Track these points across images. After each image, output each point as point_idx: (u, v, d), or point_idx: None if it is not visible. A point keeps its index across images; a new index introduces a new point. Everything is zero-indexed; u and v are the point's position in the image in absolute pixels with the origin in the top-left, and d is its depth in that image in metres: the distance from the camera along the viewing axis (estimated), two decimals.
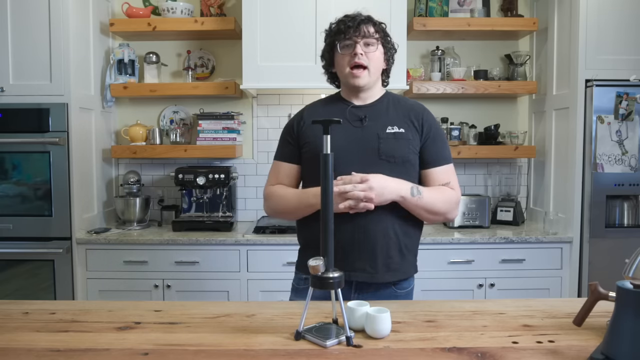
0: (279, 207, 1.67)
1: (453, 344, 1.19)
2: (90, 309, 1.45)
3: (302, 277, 1.69)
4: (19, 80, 2.67)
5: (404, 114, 1.64)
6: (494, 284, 2.73)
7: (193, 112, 3.25)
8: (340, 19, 1.62)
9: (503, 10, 3.19)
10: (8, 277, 2.72)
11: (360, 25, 1.57)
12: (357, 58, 1.56)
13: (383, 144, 1.57)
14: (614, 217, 2.78)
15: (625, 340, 1.02)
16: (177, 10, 2.99)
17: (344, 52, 1.58)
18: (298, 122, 1.69)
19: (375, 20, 1.63)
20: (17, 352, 1.16)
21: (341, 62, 1.60)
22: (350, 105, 1.65)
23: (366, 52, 1.57)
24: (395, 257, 1.59)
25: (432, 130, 1.63)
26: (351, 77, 1.59)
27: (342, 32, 1.58)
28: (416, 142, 1.61)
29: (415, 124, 1.62)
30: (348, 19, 1.59)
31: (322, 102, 1.75)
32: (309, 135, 1.63)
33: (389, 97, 1.70)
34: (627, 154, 2.70)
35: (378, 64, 1.62)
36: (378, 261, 1.56)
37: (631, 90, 2.66)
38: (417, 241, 1.69)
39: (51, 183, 2.69)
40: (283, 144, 1.72)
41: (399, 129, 1.60)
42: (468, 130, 3.16)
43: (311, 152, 1.60)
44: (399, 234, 1.59)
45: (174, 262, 2.72)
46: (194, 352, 1.15)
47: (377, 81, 1.67)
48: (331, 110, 1.65)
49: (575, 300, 1.52)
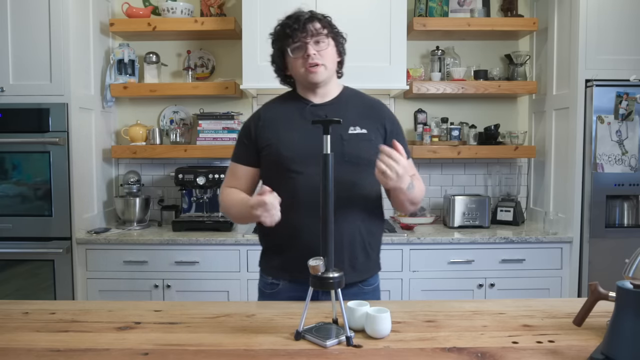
0: (230, 213, 1.65)
1: (453, 344, 1.19)
2: (90, 309, 1.46)
3: (269, 281, 1.65)
4: (19, 80, 2.67)
5: (364, 113, 1.62)
6: (494, 284, 2.73)
7: (193, 112, 3.25)
8: (284, 22, 1.57)
9: (503, 10, 3.19)
10: (8, 277, 2.72)
11: (306, 24, 1.52)
12: (311, 59, 1.52)
13: (347, 146, 1.54)
14: (614, 217, 2.78)
15: (625, 340, 1.02)
16: (177, 10, 2.99)
17: (296, 55, 1.54)
18: (256, 123, 1.64)
19: (319, 15, 1.58)
20: (17, 352, 1.16)
21: (295, 64, 1.56)
22: (310, 104, 1.61)
23: (318, 50, 1.53)
24: (360, 258, 1.59)
25: (393, 128, 1.64)
26: (308, 75, 1.54)
27: (289, 36, 1.53)
28: (378, 142, 1.57)
29: (377, 124, 1.61)
30: (292, 21, 1.54)
31: (280, 101, 1.69)
32: (268, 137, 1.59)
33: (346, 92, 1.67)
34: (627, 154, 2.70)
35: (332, 58, 1.58)
36: (344, 262, 1.53)
37: (631, 90, 2.66)
38: (380, 239, 1.68)
39: (51, 183, 2.69)
40: (239, 146, 1.68)
41: (361, 130, 1.57)
42: (468, 130, 3.16)
43: (272, 155, 1.57)
44: (364, 234, 1.59)
45: (174, 262, 2.72)
46: (194, 352, 1.15)
47: (333, 75, 1.63)
48: (290, 109, 1.62)
49: (575, 300, 1.52)
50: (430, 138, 3.10)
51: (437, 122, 3.20)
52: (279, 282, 1.62)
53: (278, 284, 1.62)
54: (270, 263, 1.65)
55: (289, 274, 1.58)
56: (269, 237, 1.65)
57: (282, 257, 1.60)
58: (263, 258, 1.70)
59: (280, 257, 1.61)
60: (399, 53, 2.80)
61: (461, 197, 3.00)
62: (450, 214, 3.00)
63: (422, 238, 2.72)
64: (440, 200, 3.24)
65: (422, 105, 3.26)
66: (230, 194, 1.65)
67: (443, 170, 3.31)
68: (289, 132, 1.57)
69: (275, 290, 1.62)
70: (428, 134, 3.10)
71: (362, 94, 1.70)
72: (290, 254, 1.56)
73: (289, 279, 1.59)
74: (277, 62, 1.62)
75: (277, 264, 1.62)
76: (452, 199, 2.99)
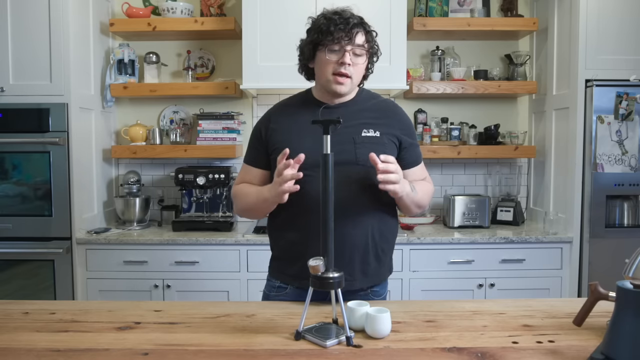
0: (242, 204, 1.61)
1: (453, 344, 1.19)
2: (90, 309, 1.45)
3: (276, 284, 1.63)
4: (19, 80, 2.67)
5: (378, 116, 1.59)
6: (494, 284, 2.73)
7: (193, 112, 3.25)
8: (330, 16, 1.47)
9: (503, 10, 3.19)
10: (8, 277, 2.72)
11: (353, 30, 1.46)
12: (344, 68, 1.47)
13: (360, 149, 1.51)
14: (614, 217, 2.78)
15: (625, 340, 1.02)
16: (177, 10, 2.99)
17: (330, 57, 1.48)
18: (266, 126, 1.60)
19: (367, 27, 1.51)
20: (17, 352, 1.16)
21: (324, 64, 1.49)
22: (323, 106, 1.56)
23: (353, 63, 1.48)
24: (372, 264, 1.57)
25: (408, 132, 1.61)
26: (333, 84, 1.49)
27: (331, 33, 1.44)
28: (392, 146, 1.56)
29: (390, 127, 1.57)
30: (340, 19, 1.45)
31: (292, 102, 1.65)
32: (279, 142, 1.54)
33: (362, 94, 1.63)
34: (627, 154, 2.69)
35: (361, 73, 1.55)
36: (355, 267, 1.53)
37: (631, 90, 2.66)
38: (393, 242, 1.66)
39: (51, 183, 2.69)
40: (251, 149, 1.64)
41: (374, 133, 1.54)
42: (468, 130, 3.16)
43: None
44: (377, 238, 1.56)
45: (174, 262, 2.72)
46: (194, 352, 1.15)
47: (356, 87, 1.59)
48: (302, 112, 1.56)
49: (575, 300, 1.52)
50: (430, 138, 3.10)
51: (437, 122, 3.20)
52: (287, 286, 1.61)
53: (286, 287, 1.61)
54: (280, 269, 1.63)
55: (299, 281, 1.55)
56: (280, 243, 1.62)
57: (292, 263, 1.57)
58: (273, 263, 1.67)
59: (290, 263, 1.58)
60: (399, 53, 2.80)
61: (461, 197, 3.00)
62: (450, 214, 3.00)
63: (422, 238, 2.72)
64: (440, 200, 3.24)
65: (422, 105, 3.27)
66: (245, 187, 1.62)
67: (443, 170, 3.31)
68: (299, 137, 1.52)
69: (281, 293, 1.61)
70: (428, 134, 3.10)
71: (378, 97, 1.67)
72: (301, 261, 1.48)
73: (297, 285, 1.57)
74: (305, 52, 1.54)
75: (288, 270, 1.60)
76: (452, 199, 2.99)
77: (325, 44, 1.47)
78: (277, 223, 1.61)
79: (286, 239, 1.58)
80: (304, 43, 1.56)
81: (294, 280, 1.58)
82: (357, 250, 1.53)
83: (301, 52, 1.57)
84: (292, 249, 1.57)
